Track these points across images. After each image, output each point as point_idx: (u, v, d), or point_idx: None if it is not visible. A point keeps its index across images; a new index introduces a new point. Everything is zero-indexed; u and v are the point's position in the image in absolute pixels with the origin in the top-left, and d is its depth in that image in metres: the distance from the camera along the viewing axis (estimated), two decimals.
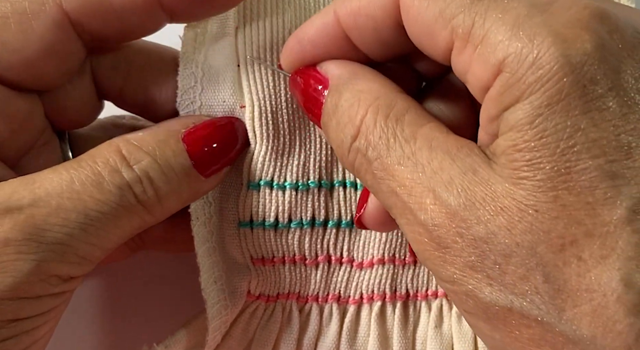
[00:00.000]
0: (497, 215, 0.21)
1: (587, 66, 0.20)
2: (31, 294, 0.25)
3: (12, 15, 0.27)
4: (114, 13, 0.28)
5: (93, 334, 0.38)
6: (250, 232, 0.32)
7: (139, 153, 0.28)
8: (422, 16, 0.23)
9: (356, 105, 0.25)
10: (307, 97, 0.28)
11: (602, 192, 0.20)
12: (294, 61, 0.29)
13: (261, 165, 0.31)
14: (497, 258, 0.21)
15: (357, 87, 0.26)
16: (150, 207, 0.28)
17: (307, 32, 0.28)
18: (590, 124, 0.20)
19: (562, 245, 0.20)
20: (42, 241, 0.25)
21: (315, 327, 0.34)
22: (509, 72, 0.21)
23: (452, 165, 0.22)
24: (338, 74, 0.27)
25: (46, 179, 0.26)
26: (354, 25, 0.26)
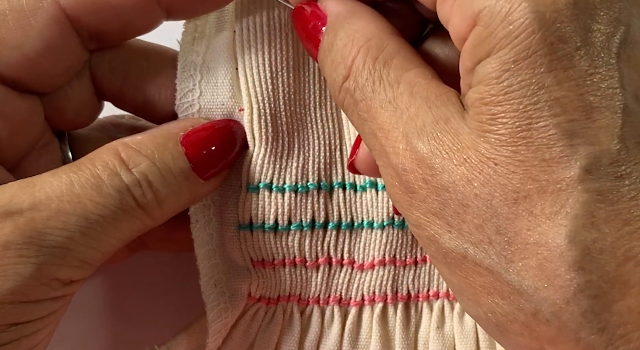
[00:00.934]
0: (459, 166, 0.22)
1: (557, 23, 0.20)
2: (32, 298, 0.25)
3: (10, 12, 0.27)
4: (111, 9, 0.28)
5: (93, 336, 0.38)
6: (250, 234, 0.32)
7: (137, 156, 0.27)
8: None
9: (349, 46, 0.25)
10: (306, 33, 0.28)
11: (558, 150, 0.20)
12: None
13: (260, 168, 0.31)
14: (457, 207, 0.22)
15: (352, 26, 0.26)
16: (150, 210, 0.28)
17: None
18: (554, 82, 0.20)
19: (516, 199, 0.21)
20: (42, 245, 0.25)
21: (317, 330, 0.34)
22: (482, 26, 0.21)
23: (427, 112, 0.23)
24: (336, 12, 0.27)
25: (46, 182, 0.26)
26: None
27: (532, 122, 0.20)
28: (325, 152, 0.32)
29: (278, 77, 0.31)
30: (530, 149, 0.21)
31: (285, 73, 0.31)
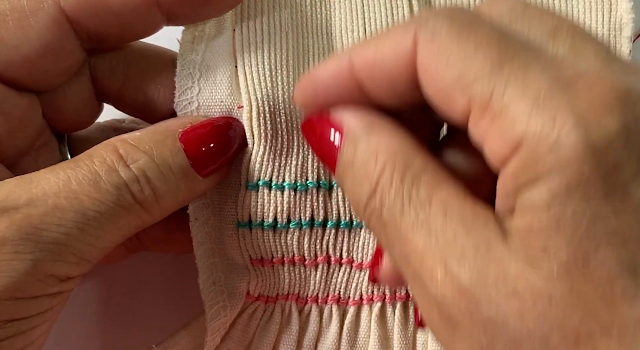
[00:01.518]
0: (509, 298, 0.20)
1: (610, 150, 0.19)
2: (28, 294, 0.25)
3: (11, 13, 0.27)
4: (111, 13, 0.28)
5: (91, 335, 0.38)
6: (249, 232, 0.32)
7: (136, 152, 0.27)
8: (439, 78, 0.22)
9: (373, 161, 0.24)
10: (320, 146, 0.27)
11: (621, 286, 0.19)
12: (307, 103, 0.27)
13: (259, 166, 0.31)
14: (507, 343, 0.20)
15: (373, 140, 0.24)
16: (148, 207, 0.27)
17: (320, 75, 0.26)
18: (611, 212, 0.19)
19: (576, 337, 0.19)
20: (39, 241, 0.24)
21: (315, 328, 0.33)
22: (527, 151, 0.20)
23: (466, 237, 0.21)
24: (354, 124, 0.25)
25: (43, 178, 0.26)
26: (367, 75, 0.25)
27: (590, 254, 0.19)
28: None
29: (277, 75, 0.31)
30: (589, 284, 0.19)
31: (284, 71, 0.31)
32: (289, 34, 0.32)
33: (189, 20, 0.30)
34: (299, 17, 0.32)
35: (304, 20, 0.32)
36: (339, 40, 0.33)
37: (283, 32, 0.32)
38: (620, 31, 0.34)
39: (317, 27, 0.33)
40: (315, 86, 0.26)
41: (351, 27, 0.33)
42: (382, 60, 0.24)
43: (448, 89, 0.22)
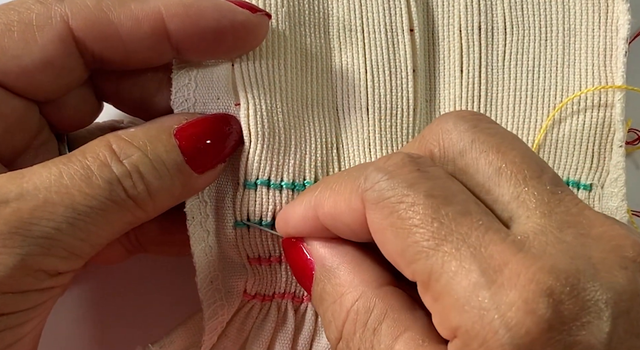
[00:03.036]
0: None
1: None
2: (16, 289, 0.24)
3: (18, 24, 0.27)
4: (119, 39, 0.27)
5: (88, 334, 0.37)
6: (247, 231, 0.31)
7: (129, 148, 0.27)
8: (386, 247, 0.24)
9: (338, 305, 0.25)
10: (297, 271, 0.29)
11: None
12: (286, 236, 0.30)
13: (257, 164, 0.30)
14: None
15: (338, 280, 0.26)
16: (141, 202, 0.27)
17: (291, 218, 0.29)
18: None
19: None
20: (28, 235, 0.24)
21: (311, 327, 0.33)
22: (461, 342, 0.21)
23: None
24: (322, 259, 0.27)
25: (35, 173, 0.25)
26: (332, 226, 0.26)
27: None
28: (322, 150, 0.32)
29: (275, 73, 0.31)
30: None
31: (282, 69, 0.31)
32: (287, 33, 0.31)
33: (199, 56, 0.30)
34: (296, 17, 0.32)
35: (301, 19, 0.32)
36: (337, 40, 0.33)
37: (281, 32, 0.31)
38: (616, 32, 0.33)
39: (315, 27, 0.32)
40: (288, 226, 0.29)
41: (349, 27, 0.32)
42: (341, 216, 0.26)
43: (395, 259, 0.23)
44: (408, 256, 0.22)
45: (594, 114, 0.33)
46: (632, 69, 0.34)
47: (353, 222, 0.25)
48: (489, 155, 0.24)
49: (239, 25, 0.28)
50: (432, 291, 0.22)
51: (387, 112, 0.32)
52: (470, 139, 0.24)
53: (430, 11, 0.34)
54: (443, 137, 0.25)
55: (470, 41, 0.34)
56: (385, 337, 0.24)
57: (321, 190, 0.27)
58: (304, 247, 0.28)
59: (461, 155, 0.24)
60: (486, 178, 0.24)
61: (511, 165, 0.23)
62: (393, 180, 0.23)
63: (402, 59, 0.32)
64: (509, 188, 0.23)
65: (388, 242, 0.23)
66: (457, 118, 0.25)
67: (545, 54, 0.34)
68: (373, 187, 0.24)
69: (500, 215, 0.23)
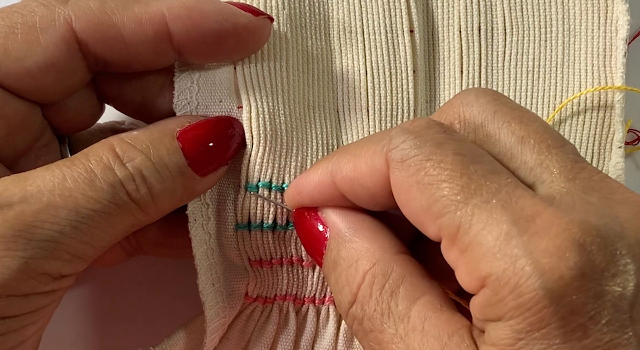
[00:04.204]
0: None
1: (566, 297, 0.20)
2: (19, 292, 0.24)
3: (21, 26, 0.27)
4: (121, 42, 0.27)
5: (90, 337, 0.37)
6: (248, 234, 0.31)
7: (132, 151, 0.27)
8: (410, 205, 0.23)
9: (353, 269, 0.25)
10: (308, 241, 0.28)
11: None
12: (295, 207, 0.29)
13: (259, 167, 0.30)
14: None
15: (354, 245, 0.26)
16: (144, 206, 0.27)
17: (305, 186, 0.28)
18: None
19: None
20: (31, 238, 0.24)
21: (312, 329, 0.33)
22: (491, 291, 0.21)
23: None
24: (338, 226, 0.27)
25: (39, 176, 0.25)
26: (350, 190, 0.26)
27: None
28: (323, 152, 0.31)
29: (276, 75, 0.31)
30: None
31: (284, 72, 0.31)
32: (288, 36, 0.31)
33: (201, 58, 0.30)
34: (298, 19, 0.32)
35: (302, 21, 0.32)
36: (337, 41, 0.32)
37: (282, 34, 0.31)
38: (616, 33, 0.33)
39: (315, 29, 0.32)
40: (301, 194, 0.28)
41: (349, 29, 0.32)
42: (360, 179, 0.25)
43: (420, 216, 0.23)
44: (435, 210, 0.22)
45: (594, 115, 0.33)
46: (632, 70, 0.34)
47: (374, 184, 0.25)
48: (511, 125, 0.24)
49: (241, 29, 0.28)
50: (460, 243, 0.22)
51: (388, 113, 0.32)
52: (492, 110, 0.24)
53: (430, 12, 0.34)
54: (464, 109, 0.25)
55: (470, 42, 0.33)
56: (403, 300, 0.24)
57: (339, 156, 0.26)
58: (318, 215, 0.28)
59: (482, 126, 0.24)
60: (509, 146, 0.24)
61: (534, 135, 0.23)
62: (420, 138, 0.23)
63: (402, 60, 0.32)
64: (532, 155, 0.23)
65: (413, 200, 0.23)
66: (479, 92, 0.25)
67: (544, 55, 0.34)
68: (399, 146, 0.23)
69: (524, 181, 0.23)
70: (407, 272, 0.24)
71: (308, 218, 0.28)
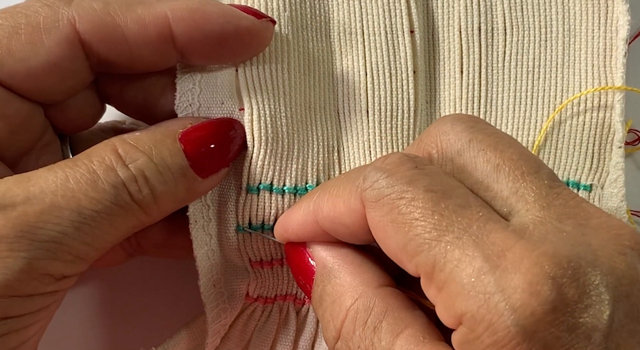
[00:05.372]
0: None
1: (538, 333, 0.20)
2: (22, 292, 0.24)
3: (25, 27, 0.27)
4: (125, 43, 0.27)
5: (91, 338, 0.37)
6: (249, 235, 0.31)
7: (135, 152, 0.27)
8: (388, 244, 0.24)
9: (337, 305, 0.25)
10: (298, 276, 0.29)
11: None
12: (285, 241, 0.30)
13: (260, 169, 0.30)
14: None
15: (338, 280, 0.26)
16: (146, 207, 0.27)
17: (289, 224, 0.29)
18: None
19: None
20: (34, 239, 0.24)
21: (312, 329, 0.33)
22: (467, 328, 0.21)
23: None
24: (323, 261, 0.27)
25: (41, 177, 0.25)
26: (331, 228, 0.26)
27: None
28: (324, 154, 0.31)
29: (278, 78, 0.31)
30: None
31: (285, 74, 0.31)
32: (290, 37, 0.31)
33: (204, 59, 0.30)
34: (299, 21, 0.32)
35: (304, 23, 0.32)
36: (337, 43, 0.32)
37: (284, 36, 0.31)
38: (616, 33, 0.33)
39: (316, 30, 0.32)
40: (287, 232, 0.29)
41: (349, 30, 0.32)
42: (340, 218, 0.26)
43: (397, 254, 0.23)
44: (410, 249, 0.22)
45: (594, 115, 0.33)
46: (632, 70, 0.34)
47: (352, 223, 0.25)
48: (486, 153, 0.24)
49: (244, 31, 0.28)
50: (436, 281, 0.22)
51: (388, 114, 0.32)
52: (467, 138, 0.25)
53: (430, 12, 0.34)
54: (441, 138, 0.25)
55: (470, 42, 0.33)
56: (385, 335, 0.24)
57: (319, 195, 0.27)
58: (305, 250, 0.28)
59: (459, 155, 0.25)
60: (484, 175, 0.24)
61: (509, 162, 0.24)
62: (392, 177, 0.23)
63: (403, 61, 0.32)
64: (508, 183, 0.23)
65: (389, 238, 0.23)
66: (454, 120, 0.25)
67: (545, 55, 0.34)
68: (372, 185, 0.24)
69: (499, 211, 0.23)
70: (389, 305, 0.25)
71: (297, 253, 0.28)
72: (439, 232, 0.22)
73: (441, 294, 0.22)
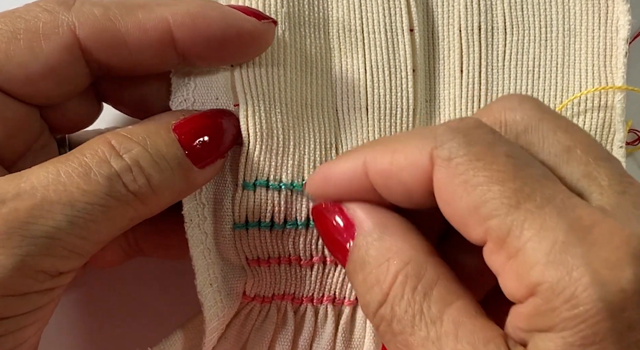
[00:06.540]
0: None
1: (625, 310, 0.19)
2: (16, 291, 0.24)
3: (24, 32, 0.26)
4: (125, 47, 0.27)
5: (87, 338, 0.37)
6: (246, 233, 0.31)
7: (128, 143, 0.26)
8: (455, 204, 0.22)
9: (384, 268, 0.24)
10: (330, 238, 0.27)
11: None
12: (319, 196, 0.28)
13: (256, 165, 0.30)
14: None
15: (385, 243, 0.25)
16: (143, 197, 0.26)
17: (334, 172, 0.27)
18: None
19: None
20: (26, 235, 0.23)
21: (311, 329, 0.32)
22: (542, 299, 0.20)
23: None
24: (366, 223, 0.25)
25: (33, 173, 0.25)
26: (383, 184, 0.25)
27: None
28: (320, 150, 0.31)
29: (274, 74, 0.30)
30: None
31: (281, 70, 0.30)
32: (287, 34, 0.31)
33: (204, 61, 0.29)
34: (296, 18, 0.31)
35: (301, 20, 0.32)
36: (336, 40, 0.32)
37: (280, 33, 0.31)
38: (617, 33, 0.33)
39: (314, 27, 0.32)
40: (328, 182, 0.27)
41: (349, 27, 0.32)
42: (399, 172, 0.24)
43: (464, 216, 0.22)
44: (484, 212, 0.21)
45: (594, 115, 0.33)
46: (633, 70, 0.33)
47: (413, 180, 0.24)
48: (557, 134, 0.23)
49: (246, 33, 0.28)
50: (509, 248, 0.21)
51: (387, 112, 0.32)
52: (538, 117, 0.24)
53: (430, 11, 0.33)
54: (507, 114, 0.24)
55: (470, 41, 0.33)
56: (436, 303, 0.23)
57: (375, 148, 0.25)
58: (344, 210, 0.26)
59: (525, 133, 0.24)
60: (553, 155, 0.23)
61: (581, 145, 0.23)
62: (469, 138, 0.22)
63: (402, 59, 0.32)
64: (579, 166, 0.22)
65: (458, 200, 0.22)
66: (522, 98, 0.25)
67: (545, 55, 0.33)
68: (446, 144, 0.23)
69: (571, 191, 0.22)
70: (440, 274, 0.24)
71: (331, 213, 0.27)
72: (519, 199, 0.21)
73: (513, 262, 0.21)
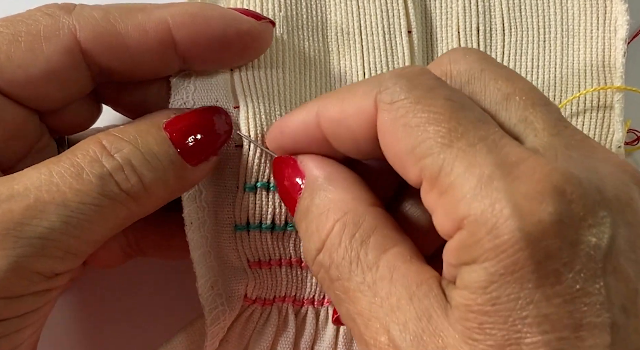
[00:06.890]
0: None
1: (543, 240, 0.20)
2: (11, 293, 0.24)
3: (25, 35, 0.26)
4: (126, 51, 0.27)
5: (88, 340, 0.37)
6: (247, 235, 0.31)
7: (120, 142, 0.26)
8: (395, 146, 0.23)
9: (324, 217, 0.25)
10: (283, 189, 0.28)
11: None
12: (276, 149, 0.29)
13: (257, 167, 0.30)
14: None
15: (329, 194, 0.25)
16: (136, 196, 0.26)
17: (289, 125, 0.27)
18: (542, 298, 0.20)
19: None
20: (20, 236, 0.23)
21: (312, 331, 0.32)
22: (468, 232, 0.20)
23: (409, 305, 0.22)
24: (314, 174, 0.26)
25: (26, 175, 0.25)
26: (333, 132, 0.26)
27: (521, 337, 0.20)
28: None
29: (273, 77, 0.30)
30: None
31: (280, 72, 0.31)
32: (285, 37, 0.31)
33: (205, 64, 0.30)
34: (294, 20, 0.32)
35: (300, 23, 0.32)
36: (335, 43, 0.32)
37: (279, 35, 0.31)
38: (615, 33, 0.33)
39: (313, 30, 0.32)
40: (284, 136, 0.27)
41: (347, 30, 0.32)
42: (346, 120, 0.25)
43: (403, 158, 0.23)
44: (419, 152, 0.22)
45: (593, 115, 0.33)
46: (631, 70, 0.33)
47: (359, 125, 0.24)
48: (497, 82, 0.24)
49: (245, 34, 0.28)
50: (440, 185, 0.21)
51: None
52: (480, 67, 0.24)
53: (428, 12, 0.33)
54: (451, 66, 0.25)
55: (468, 42, 0.33)
56: (372, 250, 0.23)
57: (327, 98, 0.26)
58: (296, 162, 0.27)
59: (469, 83, 0.24)
60: (493, 103, 0.23)
61: (520, 92, 0.23)
62: (411, 82, 0.23)
63: (400, 61, 0.32)
64: (517, 111, 0.23)
65: (398, 142, 0.23)
66: (467, 50, 0.25)
67: (543, 55, 0.33)
68: (390, 88, 0.23)
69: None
70: (379, 223, 0.24)
71: (286, 165, 0.27)
72: (453, 138, 0.21)
73: (443, 198, 0.21)
